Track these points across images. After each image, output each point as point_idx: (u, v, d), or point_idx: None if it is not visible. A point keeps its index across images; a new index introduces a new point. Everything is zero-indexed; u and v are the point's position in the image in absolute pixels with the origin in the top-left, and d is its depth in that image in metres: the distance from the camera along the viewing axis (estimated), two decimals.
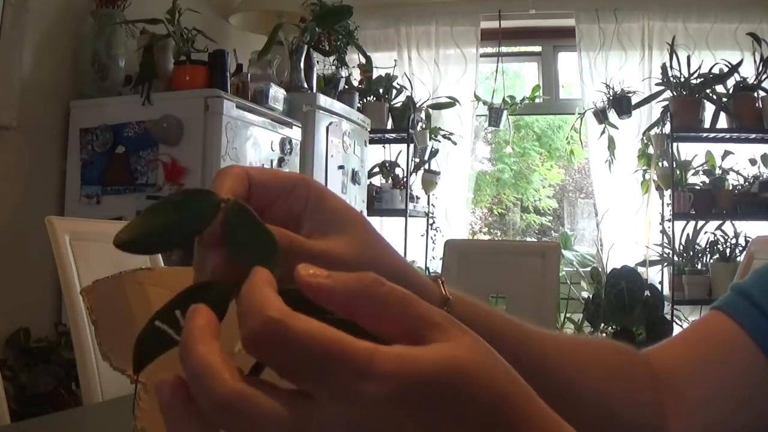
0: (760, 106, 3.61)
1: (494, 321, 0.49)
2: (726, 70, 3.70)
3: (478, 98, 4.39)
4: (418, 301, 0.30)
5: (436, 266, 4.07)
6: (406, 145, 4.19)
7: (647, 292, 3.64)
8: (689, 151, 3.85)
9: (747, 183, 3.69)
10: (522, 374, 0.47)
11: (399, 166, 4.34)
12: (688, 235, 3.79)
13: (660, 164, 3.88)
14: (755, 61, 3.71)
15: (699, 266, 3.71)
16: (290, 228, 0.41)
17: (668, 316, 3.63)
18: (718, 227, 3.70)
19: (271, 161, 2.89)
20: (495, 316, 0.50)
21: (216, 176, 0.41)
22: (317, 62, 3.59)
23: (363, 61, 4.17)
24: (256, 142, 2.80)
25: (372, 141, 4.00)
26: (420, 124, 4.24)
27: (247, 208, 0.36)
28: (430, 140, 4.28)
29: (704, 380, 0.53)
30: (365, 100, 4.16)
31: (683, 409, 0.53)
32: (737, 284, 0.57)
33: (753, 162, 3.73)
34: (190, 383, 0.29)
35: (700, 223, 3.78)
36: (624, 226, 4.09)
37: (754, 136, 3.69)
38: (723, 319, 0.55)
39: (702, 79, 3.68)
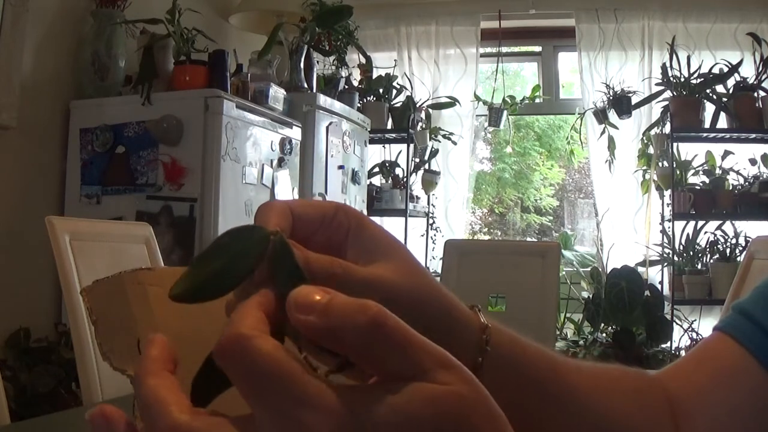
0: (760, 106, 3.61)
1: (528, 352, 0.49)
2: (726, 70, 3.70)
3: (478, 98, 4.39)
4: (418, 344, 0.30)
5: (436, 266, 4.07)
6: (406, 145, 4.19)
7: (647, 292, 3.64)
8: (689, 151, 3.85)
9: (747, 183, 3.69)
10: (551, 404, 0.47)
11: (399, 166, 4.34)
12: (688, 235, 3.79)
13: (660, 164, 3.88)
14: (755, 61, 3.71)
15: (699, 266, 3.71)
16: (334, 255, 0.41)
17: (668, 316, 3.63)
18: (718, 227, 3.70)
19: (271, 161, 2.89)
20: (530, 348, 0.50)
21: (258, 212, 0.40)
22: (317, 62, 3.59)
23: (363, 61, 4.18)
24: (256, 142, 2.80)
25: (372, 141, 4.00)
26: (420, 124, 4.24)
27: (289, 245, 0.36)
28: (430, 140, 4.28)
29: (711, 403, 0.54)
30: (365, 100, 4.16)
31: (694, 429, 0.54)
32: (738, 304, 0.58)
33: (753, 162, 3.73)
34: (141, 414, 0.30)
35: (700, 223, 3.78)
36: (624, 226, 4.09)
37: (754, 136, 3.69)
38: (726, 340, 0.56)
39: (702, 79, 3.68)
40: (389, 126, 4.23)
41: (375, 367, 0.30)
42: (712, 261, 3.66)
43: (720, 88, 3.72)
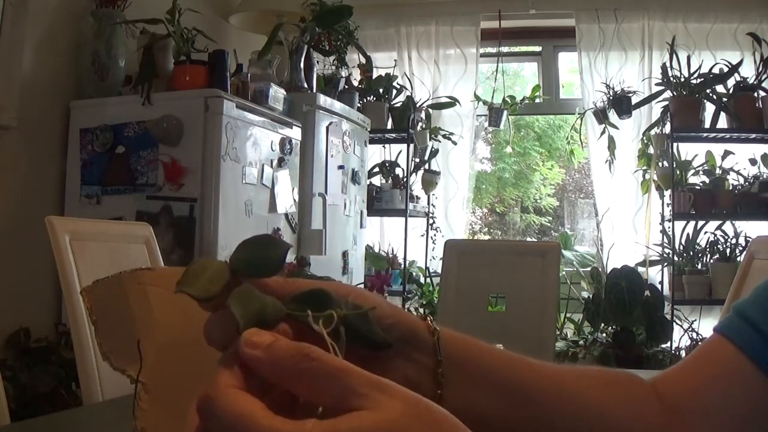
0: (760, 106, 3.60)
1: (482, 351, 0.51)
2: (726, 70, 3.70)
3: (478, 98, 4.39)
4: (349, 371, 0.33)
5: (436, 266, 4.07)
6: (406, 145, 4.18)
7: (647, 292, 3.64)
8: (689, 151, 3.85)
9: (747, 183, 3.69)
10: (514, 399, 0.49)
11: (399, 166, 4.34)
12: (688, 235, 3.79)
13: (660, 164, 3.88)
14: (755, 61, 3.71)
15: (699, 266, 3.71)
16: None
17: (668, 316, 3.63)
18: (718, 227, 3.70)
19: (271, 161, 2.89)
20: (482, 347, 0.51)
21: None
22: (317, 62, 3.59)
23: (363, 61, 4.17)
24: (256, 142, 2.80)
25: (372, 141, 4.00)
26: (420, 124, 4.24)
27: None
28: (430, 140, 4.28)
29: (708, 405, 0.54)
30: (365, 100, 4.16)
31: (691, 430, 0.54)
32: (737, 305, 0.59)
33: (753, 162, 3.73)
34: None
35: (700, 223, 3.78)
36: (624, 226, 4.09)
37: (754, 136, 3.69)
38: (723, 342, 0.56)
39: (702, 79, 3.67)
40: (389, 126, 4.23)
41: (315, 397, 0.33)
42: (712, 261, 3.66)
43: (720, 88, 3.72)
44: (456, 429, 0.33)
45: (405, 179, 4.19)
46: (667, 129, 3.76)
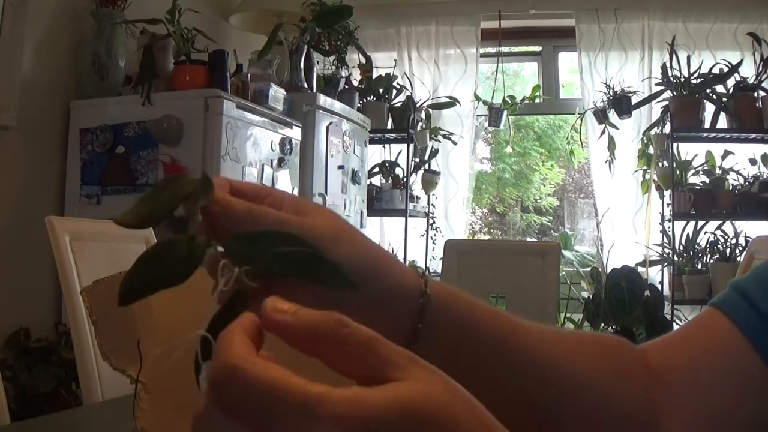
0: (760, 106, 3.60)
1: (471, 310, 0.50)
2: (726, 70, 3.70)
3: (478, 98, 4.39)
4: (380, 341, 0.31)
5: (436, 266, 4.07)
6: (406, 145, 4.18)
7: (647, 292, 3.64)
8: (689, 151, 3.85)
9: (747, 183, 3.69)
10: (502, 365, 0.48)
11: (399, 166, 4.34)
12: (688, 235, 3.79)
13: (660, 164, 3.88)
14: (755, 61, 3.71)
15: (699, 266, 3.71)
16: None
17: (668, 316, 3.63)
18: (718, 227, 3.70)
19: (271, 161, 2.89)
20: (472, 305, 0.50)
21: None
22: (317, 62, 3.59)
23: (363, 61, 4.18)
24: (256, 142, 2.80)
25: (372, 141, 4.00)
26: (420, 124, 4.24)
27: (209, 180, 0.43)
28: (430, 140, 4.28)
29: (697, 376, 0.54)
30: (365, 100, 4.16)
31: (676, 404, 0.53)
32: (736, 282, 0.58)
33: (753, 162, 3.73)
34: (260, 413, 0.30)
35: (700, 223, 3.78)
36: (624, 226, 4.09)
37: (754, 136, 3.69)
38: (719, 316, 0.56)
39: (702, 79, 3.67)
40: (389, 126, 4.23)
41: (346, 366, 0.31)
42: (712, 261, 3.66)
43: (720, 88, 3.72)
44: (485, 410, 0.32)
45: (405, 179, 4.19)
46: (667, 129, 3.76)
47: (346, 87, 3.90)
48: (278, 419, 0.28)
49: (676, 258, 3.73)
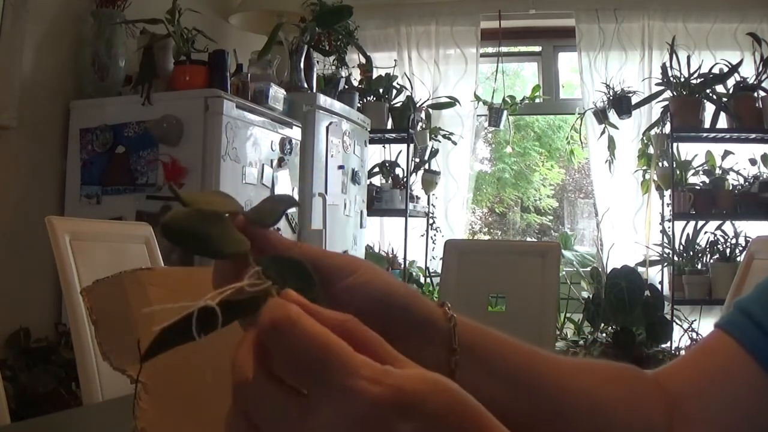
0: (760, 106, 3.60)
1: (496, 341, 0.51)
2: (726, 70, 3.70)
3: (478, 98, 4.39)
4: (384, 341, 0.34)
5: (436, 266, 4.07)
6: (406, 145, 4.18)
7: (647, 292, 3.64)
8: (689, 151, 3.85)
9: (747, 183, 3.69)
10: (526, 393, 0.49)
11: (399, 166, 4.34)
12: (688, 235, 3.79)
13: (660, 164, 3.88)
14: (755, 61, 3.71)
15: (699, 266, 3.71)
16: None
17: (668, 316, 3.63)
18: (718, 227, 3.70)
19: (271, 161, 2.89)
20: (497, 337, 0.51)
21: None
22: (317, 62, 3.59)
23: (363, 61, 4.18)
24: (256, 142, 2.80)
25: (372, 141, 4.00)
26: (420, 124, 4.24)
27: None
28: (430, 140, 4.28)
29: (708, 400, 0.54)
30: (365, 100, 4.16)
31: (690, 426, 0.54)
32: (739, 301, 0.58)
33: (753, 162, 3.73)
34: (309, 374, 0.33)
35: (700, 223, 3.78)
36: (624, 226, 4.09)
37: (754, 136, 3.69)
38: (725, 338, 0.56)
39: (702, 79, 3.67)
40: (389, 126, 4.23)
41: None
42: (712, 261, 3.66)
43: (720, 88, 3.72)
44: (478, 406, 0.34)
45: (405, 179, 4.19)
46: (667, 129, 3.76)
47: (346, 87, 3.90)
48: (325, 372, 0.31)
49: (676, 258, 3.73)
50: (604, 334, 3.78)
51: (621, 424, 0.52)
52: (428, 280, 4.19)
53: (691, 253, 3.75)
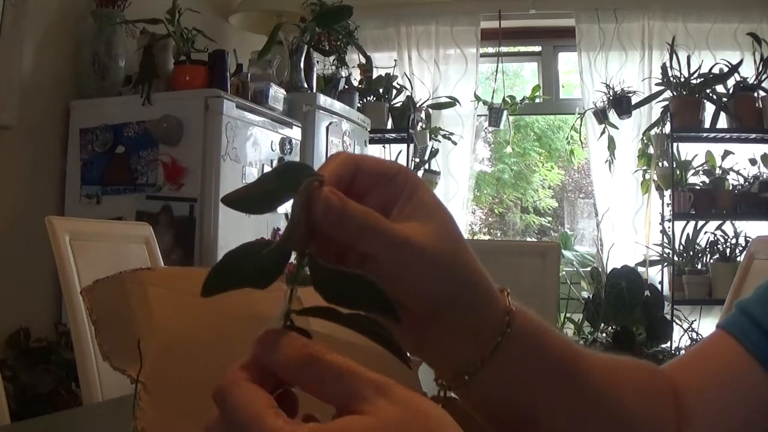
0: (760, 106, 3.61)
1: (548, 338, 0.51)
2: (726, 70, 3.70)
3: (478, 98, 4.39)
4: (352, 374, 0.33)
5: None
6: (406, 145, 4.18)
7: (647, 292, 3.64)
8: (689, 151, 3.85)
9: (747, 183, 3.69)
10: (568, 390, 0.49)
11: None
12: (688, 235, 3.79)
13: (660, 164, 3.88)
14: (755, 61, 3.71)
15: (699, 266, 3.71)
16: (385, 213, 0.43)
17: (668, 316, 3.63)
18: (718, 227, 3.70)
19: (271, 161, 2.89)
20: (551, 335, 0.51)
21: (328, 158, 0.44)
22: (317, 62, 3.59)
23: (363, 61, 4.17)
24: (256, 142, 2.80)
25: (372, 141, 4.00)
26: (420, 124, 4.24)
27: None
28: (430, 140, 4.28)
29: (711, 402, 0.55)
30: (365, 100, 4.16)
31: (693, 426, 0.54)
32: (741, 303, 0.59)
33: (753, 162, 3.73)
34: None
35: (700, 223, 3.78)
36: (624, 226, 4.09)
37: (754, 136, 3.69)
38: (727, 339, 0.57)
39: (702, 79, 3.67)
40: (389, 126, 4.23)
41: (323, 398, 0.34)
42: (712, 261, 3.66)
43: (720, 88, 3.72)
44: None
45: None
46: (667, 129, 3.76)
47: (346, 87, 3.90)
48: None
49: (676, 258, 3.73)
50: (604, 334, 3.78)
51: (645, 424, 0.53)
52: None
53: (691, 253, 3.75)
